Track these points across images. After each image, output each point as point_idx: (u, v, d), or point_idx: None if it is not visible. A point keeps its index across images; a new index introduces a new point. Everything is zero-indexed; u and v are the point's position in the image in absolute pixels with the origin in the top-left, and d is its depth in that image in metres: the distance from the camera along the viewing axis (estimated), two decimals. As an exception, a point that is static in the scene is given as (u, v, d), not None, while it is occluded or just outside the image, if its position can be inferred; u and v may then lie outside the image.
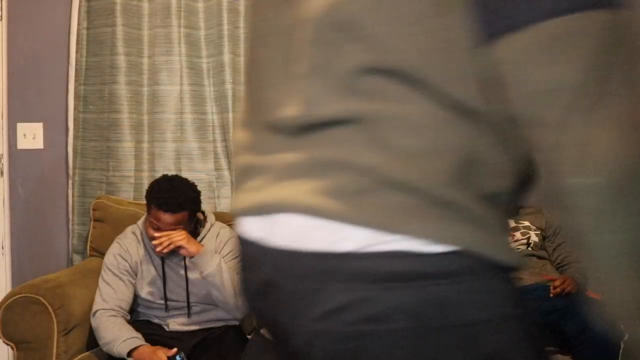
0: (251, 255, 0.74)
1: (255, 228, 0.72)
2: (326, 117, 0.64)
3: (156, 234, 1.92)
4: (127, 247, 2.06)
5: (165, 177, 2.02)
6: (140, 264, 2.06)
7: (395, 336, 0.61)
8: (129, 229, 2.13)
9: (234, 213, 0.77)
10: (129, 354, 1.84)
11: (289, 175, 0.68)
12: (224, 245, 2.09)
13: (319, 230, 0.63)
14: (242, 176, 0.77)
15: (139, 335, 1.91)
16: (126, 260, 2.05)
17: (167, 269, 2.04)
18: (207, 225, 2.11)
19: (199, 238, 2.05)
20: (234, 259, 2.08)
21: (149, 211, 1.97)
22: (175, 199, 1.91)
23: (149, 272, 2.05)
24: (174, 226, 1.93)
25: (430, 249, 0.60)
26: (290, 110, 0.68)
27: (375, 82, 0.62)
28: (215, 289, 1.94)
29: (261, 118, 0.75)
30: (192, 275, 2.02)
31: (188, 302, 2.04)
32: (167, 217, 1.91)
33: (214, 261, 1.94)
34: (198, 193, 2.02)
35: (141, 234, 2.09)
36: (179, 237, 1.90)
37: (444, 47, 0.60)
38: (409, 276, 0.60)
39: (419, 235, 0.60)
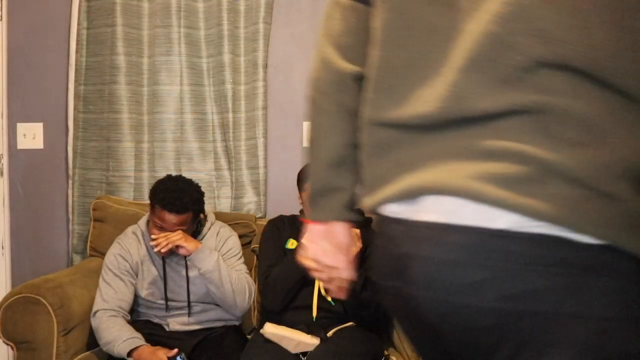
0: (392, 230, 0.74)
1: (400, 209, 0.72)
2: (486, 109, 0.64)
3: (153, 235, 1.92)
4: (127, 247, 2.06)
5: (169, 177, 2.01)
6: (141, 264, 2.06)
7: (531, 318, 0.61)
8: (129, 229, 2.13)
9: (378, 203, 0.76)
10: (129, 354, 1.83)
11: (438, 161, 0.67)
12: (224, 243, 2.09)
13: (469, 208, 0.63)
14: (387, 170, 0.76)
15: (139, 335, 1.90)
16: (127, 261, 2.04)
17: (168, 269, 2.04)
18: (208, 224, 2.12)
19: (199, 237, 2.06)
20: (233, 256, 2.08)
21: (152, 211, 1.97)
22: (180, 199, 1.91)
23: (150, 272, 2.05)
24: (177, 227, 1.93)
25: (582, 239, 0.60)
26: (442, 103, 0.67)
27: (545, 75, 0.61)
28: (214, 285, 1.94)
29: (404, 113, 0.73)
30: (192, 274, 2.02)
31: (189, 302, 2.04)
32: (171, 218, 1.91)
33: (212, 258, 1.94)
34: (202, 194, 2.02)
35: (142, 233, 2.08)
36: (176, 236, 1.90)
37: (625, 38, 0.60)
38: (556, 262, 0.60)
39: (574, 226, 0.60)
